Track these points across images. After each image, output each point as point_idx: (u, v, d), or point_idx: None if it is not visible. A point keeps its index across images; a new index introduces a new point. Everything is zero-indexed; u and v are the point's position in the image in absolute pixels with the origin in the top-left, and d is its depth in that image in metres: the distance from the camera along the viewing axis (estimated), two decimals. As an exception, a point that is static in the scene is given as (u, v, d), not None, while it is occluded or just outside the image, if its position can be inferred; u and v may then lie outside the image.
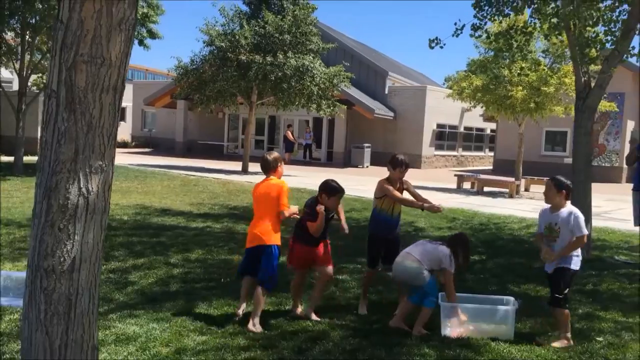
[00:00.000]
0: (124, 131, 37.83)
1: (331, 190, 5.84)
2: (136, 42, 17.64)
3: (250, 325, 5.30)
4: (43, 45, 18.21)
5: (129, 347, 4.80)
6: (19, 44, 17.32)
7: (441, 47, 9.34)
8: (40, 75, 19.75)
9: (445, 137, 31.36)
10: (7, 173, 16.68)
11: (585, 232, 5.26)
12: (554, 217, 5.31)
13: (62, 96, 2.30)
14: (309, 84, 19.69)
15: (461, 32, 8.97)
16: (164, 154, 28.62)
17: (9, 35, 17.86)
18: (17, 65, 17.47)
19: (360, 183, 18.75)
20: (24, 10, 15.65)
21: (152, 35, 17.83)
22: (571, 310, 6.16)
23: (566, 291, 5.15)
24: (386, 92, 29.75)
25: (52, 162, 2.32)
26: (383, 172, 6.53)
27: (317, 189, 5.95)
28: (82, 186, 2.34)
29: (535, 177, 19.89)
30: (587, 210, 8.77)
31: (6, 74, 22.83)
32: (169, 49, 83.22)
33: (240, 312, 5.67)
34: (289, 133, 28.12)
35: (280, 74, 19.12)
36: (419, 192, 6.57)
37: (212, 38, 20.09)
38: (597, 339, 5.37)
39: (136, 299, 6.07)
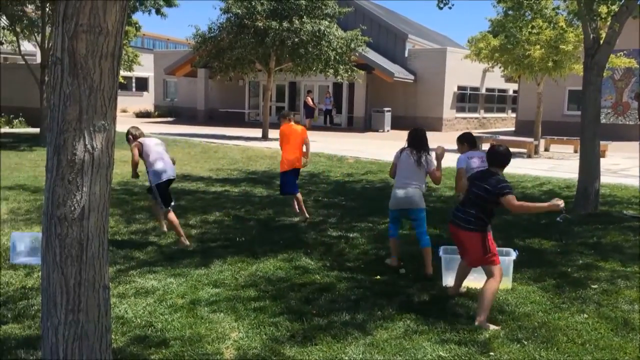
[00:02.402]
0: (147, 101, 38.32)
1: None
2: (153, 10, 17.86)
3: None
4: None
5: (147, 299, 5.17)
6: (40, 17, 17.64)
7: (450, 8, 9.39)
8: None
9: (466, 99, 31.15)
10: (33, 144, 17.23)
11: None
12: None
13: (65, 63, 2.57)
14: (326, 49, 19.73)
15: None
16: (186, 123, 29.02)
17: (30, 8, 18.19)
18: (39, 38, 17.84)
19: (379, 147, 18.92)
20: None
21: (169, 3, 18.01)
22: (570, 262, 6.39)
23: None
24: (406, 55, 29.55)
25: (59, 122, 2.60)
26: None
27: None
28: (87, 143, 2.62)
29: (555, 137, 19.80)
30: (594, 167, 8.88)
31: (29, 47, 23.27)
32: (188, 17, 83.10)
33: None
34: (309, 99, 28.22)
35: (297, 39, 19.18)
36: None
37: (228, 5, 20.17)
38: (592, 286, 5.58)
39: (155, 257, 6.44)
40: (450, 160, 7.35)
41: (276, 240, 7.24)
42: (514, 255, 5.57)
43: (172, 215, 6.94)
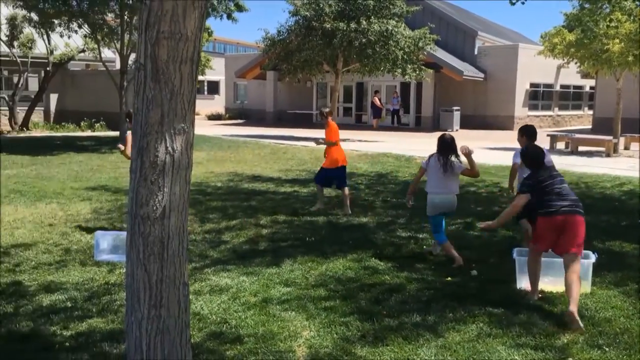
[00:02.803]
0: (218, 104, 39.27)
1: None
2: (224, 15, 18.29)
3: None
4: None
5: (221, 296, 5.31)
6: (119, 25, 18.43)
7: (522, 3, 9.13)
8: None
9: (539, 96, 30.19)
10: (113, 147, 17.98)
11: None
12: None
13: (148, 68, 2.69)
14: (393, 48, 19.63)
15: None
16: (255, 125, 29.54)
17: (110, 17, 19.03)
18: (118, 45, 18.63)
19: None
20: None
21: (240, 8, 18.39)
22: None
23: None
24: (476, 52, 28.97)
25: (142, 126, 2.73)
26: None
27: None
28: (168, 145, 2.73)
29: (636, 135, 18.90)
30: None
31: (109, 53, 24.34)
32: (258, 22, 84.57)
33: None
34: (376, 99, 28.16)
35: (364, 40, 19.18)
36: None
37: (297, 8, 20.42)
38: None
39: (228, 256, 6.61)
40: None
41: (345, 240, 7.27)
42: (593, 258, 5.38)
43: None
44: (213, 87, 42.74)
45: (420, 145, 18.95)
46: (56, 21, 18.82)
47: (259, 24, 43.33)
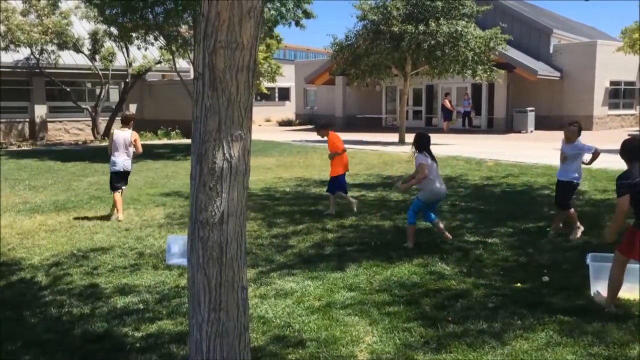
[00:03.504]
0: (289, 110, 39.81)
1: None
2: (293, 23, 18.54)
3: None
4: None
5: (286, 300, 5.38)
6: (193, 36, 19.03)
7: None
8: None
9: (620, 94, 28.81)
10: (187, 154, 18.58)
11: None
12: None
13: (206, 77, 2.77)
14: (463, 49, 19.27)
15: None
16: (325, 130, 29.68)
17: (184, 28, 19.70)
18: (191, 55, 19.23)
19: (521, 149, 18.10)
20: (194, 4, 17.18)
21: (308, 15, 18.59)
22: None
23: None
24: (551, 51, 28.00)
25: (201, 133, 2.81)
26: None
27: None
28: (225, 152, 2.80)
29: None
30: None
31: (183, 64, 25.19)
32: (328, 27, 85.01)
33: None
34: (447, 101, 27.71)
35: (433, 42, 18.93)
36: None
37: (364, 12, 20.41)
38: None
39: (294, 260, 6.68)
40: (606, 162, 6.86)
41: (416, 242, 7.18)
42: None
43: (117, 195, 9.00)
44: (284, 94, 43.40)
45: (491, 148, 18.52)
46: (134, 34, 19.64)
47: (329, 30, 43.69)
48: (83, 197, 10.93)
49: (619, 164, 5.67)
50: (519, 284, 5.63)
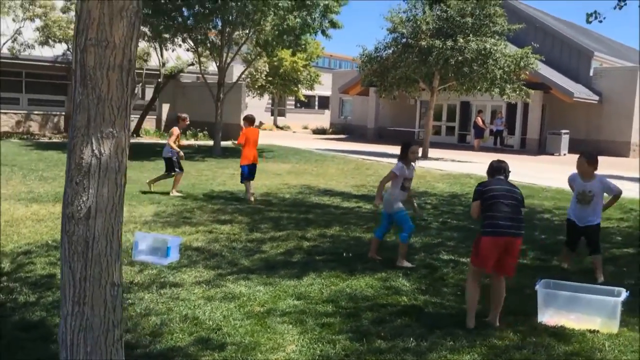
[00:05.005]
0: (327, 119, 39.93)
1: None
2: (319, 32, 18.62)
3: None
4: (240, 39, 20.19)
5: (230, 304, 5.38)
6: (220, 40, 19.33)
7: (600, 22, 8.45)
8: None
9: (662, 122, 27.82)
10: (207, 155, 18.84)
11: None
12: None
13: (77, 74, 2.82)
14: (492, 67, 18.96)
15: (625, 4, 8.02)
16: (356, 141, 29.64)
17: (213, 32, 20.03)
18: (217, 59, 19.52)
19: (543, 171, 17.64)
20: (222, 10, 17.47)
21: (334, 25, 18.65)
22: None
23: None
24: (591, 74, 27.28)
25: (71, 129, 2.86)
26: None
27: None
28: (94, 149, 2.84)
29: None
30: None
31: (214, 67, 25.57)
32: (372, 37, 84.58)
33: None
34: (479, 119, 27.26)
35: (460, 58, 18.71)
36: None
37: (394, 25, 20.34)
38: None
39: (257, 265, 6.67)
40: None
41: (385, 257, 7.09)
42: (624, 295, 4.87)
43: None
44: (323, 102, 43.62)
45: (518, 169, 18.01)
46: (165, 35, 20.08)
47: (366, 40, 43.66)
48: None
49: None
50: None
